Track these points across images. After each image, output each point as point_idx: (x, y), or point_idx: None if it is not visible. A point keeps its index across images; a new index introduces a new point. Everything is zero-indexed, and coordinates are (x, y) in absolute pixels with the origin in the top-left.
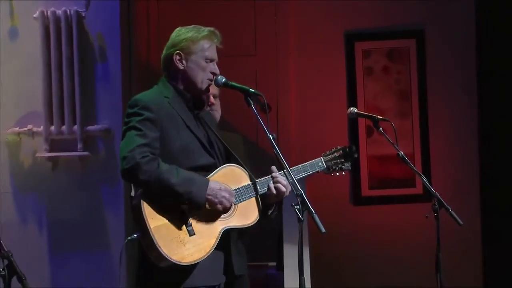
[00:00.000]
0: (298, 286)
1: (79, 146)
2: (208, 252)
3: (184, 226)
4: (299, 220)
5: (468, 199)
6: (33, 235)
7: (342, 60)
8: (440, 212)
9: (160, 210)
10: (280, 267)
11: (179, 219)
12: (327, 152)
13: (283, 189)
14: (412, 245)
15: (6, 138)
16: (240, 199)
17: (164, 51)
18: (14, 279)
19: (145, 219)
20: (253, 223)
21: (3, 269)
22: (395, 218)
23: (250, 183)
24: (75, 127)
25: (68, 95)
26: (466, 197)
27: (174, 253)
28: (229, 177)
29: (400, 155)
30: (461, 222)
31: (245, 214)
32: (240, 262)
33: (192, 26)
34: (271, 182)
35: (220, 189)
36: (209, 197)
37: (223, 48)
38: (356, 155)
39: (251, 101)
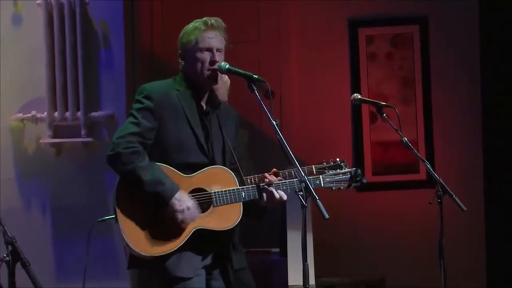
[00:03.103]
0: (301, 272)
1: (83, 132)
2: (174, 248)
3: (154, 219)
4: (303, 206)
5: (472, 185)
6: (36, 221)
7: (345, 46)
8: (443, 198)
9: (134, 200)
10: (283, 253)
11: (150, 212)
12: (330, 172)
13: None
14: (416, 231)
15: (10, 124)
16: (220, 202)
17: None
18: (18, 265)
19: (117, 206)
20: (228, 228)
21: (7, 255)
22: (398, 204)
23: (234, 188)
24: (79, 113)
25: (71, 81)
26: (469, 183)
27: (138, 243)
28: (214, 179)
29: (404, 141)
30: (465, 208)
31: (222, 218)
32: (237, 257)
33: (194, 21)
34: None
35: (186, 202)
36: (174, 203)
37: (227, 35)
38: (364, 181)
39: (254, 87)
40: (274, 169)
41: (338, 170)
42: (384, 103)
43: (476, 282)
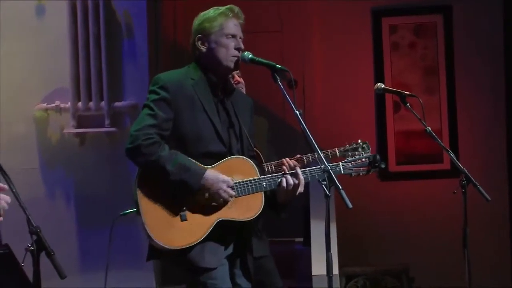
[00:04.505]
0: (325, 262)
1: (106, 122)
2: (198, 239)
3: (176, 211)
4: (326, 196)
5: (496, 174)
6: (60, 211)
7: (368, 35)
8: (467, 188)
9: (155, 192)
10: (307, 243)
11: (173, 204)
12: (349, 158)
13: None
14: (439, 220)
15: (34, 114)
16: (241, 192)
17: (190, 39)
18: (43, 254)
19: (138, 200)
20: (251, 218)
21: (32, 245)
22: (422, 194)
23: (255, 178)
24: (103, 103)
25: (95, 71)
26: (493, 172)
27: (160, 236)
28: (234, 169)
29: (428, 130)
30: (489, 198)
31: (245, 208)
32: (259, 245)
33: (212, 8)
34: (283, 177)
35: (217, 180)
36: (205, 186)
37: (249, 24)
38: (383, 166)
39: (277, 77)
40: (298, 155)
41: (357, 156)
42: (408, 93)
43: (500, 280)
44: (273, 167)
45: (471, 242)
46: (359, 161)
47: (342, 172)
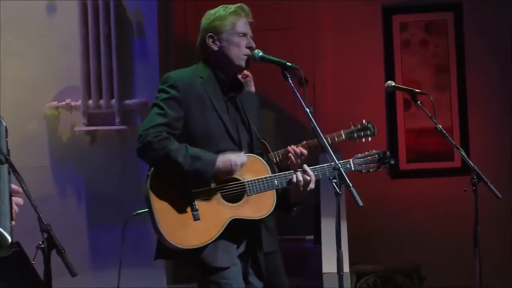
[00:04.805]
0: (335, 260)
1: (117, 120)
2: (211, 239)
3: (189, 210)
4: (337, 194)
5: (507, 172)
6: (71, 208)
7: (379, 33)
8: (478, 186)
9: (167, 192)
10: (317, 241)
11: (185, 203)
12: (359, 155)
13: (308, 178)
14: (450, 218)
15: (45, 112)
16: (253, 191)
17: (198, 38)
18: (54, 252)
19: (151, 200)
20: (263, 216)
21: (43, 243)
22: (433, 192)
23: (267, 176)
24: (113, 101)
25: (105, 69)
26: (504, 170)
27: (174, 237)
28: (246, 167)
29: (438, 128)
30: (500, 195)
31: (257, 207)
32: (269, 240)
33: (220, 6)
34: (294, 174)
35: (229, 157)
36: (220, 169)
37: (259, 22)
38: (392, 162)
39: (288, 75)
40: (304, 141)
41: (366, 153)
42: (419, 90)
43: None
44: (280, 156)
45: (482, 240)
46: (369, 157)
47: (353, 169)
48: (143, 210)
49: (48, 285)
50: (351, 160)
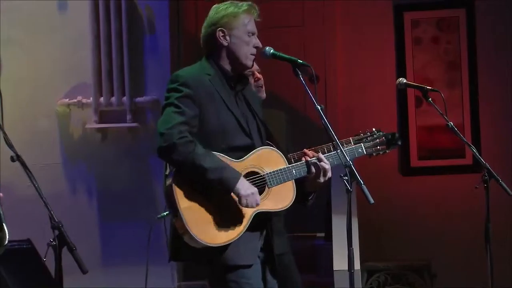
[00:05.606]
0: (346, 257)
1: (128, 117)
2: (238, 234)
3: (215, 208)
4: (348, 191)
5: None
6: (82, 206)
7: (390, 30)
8: (489, 183)
9: (192, 191)
10: (328, 238)
11: (210, 201)
12: (369, 138)
13: (326, 166)
14: (461, 215)
15: (56, 109)
16: (273, 183)
17: (203, 31)
18: (65, 250)
19: (176, 200)
20: (285, 208)
21: (54, 240)
22: (444, 189)
23: (285, 167)
24: (124, 98)
25: (117, 67)
26: None
27: (204, 235)
28: (264, 160)
29: (450, 125)
30: (511, 192)
31: (278, 198)
32: (279, 241)
33: (229, 2)
34: (311, 163)
35: (250, 188)
36: (239, 188)
37: (271, 19)
38: (400, 143)
39: (299, 72)
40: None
41: (375, 135)
42: (430, 88)
43: None
44: (296, 157)
45: (493, 238)
46: (377, 140)
47: (365, 152)
48: (166, 213)
49: (59, 281)
50: (362, 144)
